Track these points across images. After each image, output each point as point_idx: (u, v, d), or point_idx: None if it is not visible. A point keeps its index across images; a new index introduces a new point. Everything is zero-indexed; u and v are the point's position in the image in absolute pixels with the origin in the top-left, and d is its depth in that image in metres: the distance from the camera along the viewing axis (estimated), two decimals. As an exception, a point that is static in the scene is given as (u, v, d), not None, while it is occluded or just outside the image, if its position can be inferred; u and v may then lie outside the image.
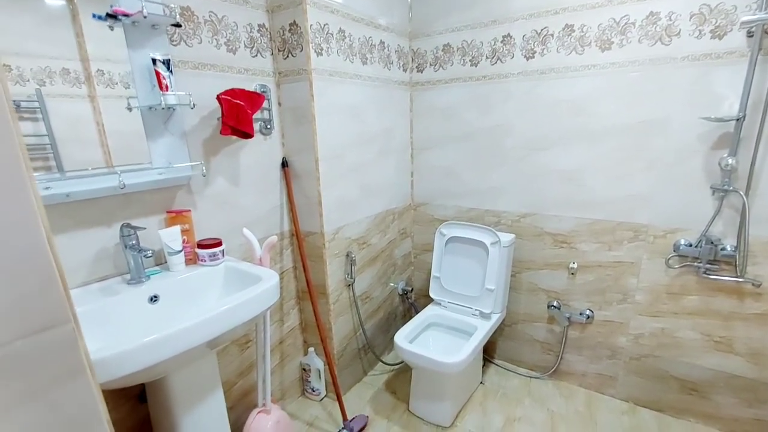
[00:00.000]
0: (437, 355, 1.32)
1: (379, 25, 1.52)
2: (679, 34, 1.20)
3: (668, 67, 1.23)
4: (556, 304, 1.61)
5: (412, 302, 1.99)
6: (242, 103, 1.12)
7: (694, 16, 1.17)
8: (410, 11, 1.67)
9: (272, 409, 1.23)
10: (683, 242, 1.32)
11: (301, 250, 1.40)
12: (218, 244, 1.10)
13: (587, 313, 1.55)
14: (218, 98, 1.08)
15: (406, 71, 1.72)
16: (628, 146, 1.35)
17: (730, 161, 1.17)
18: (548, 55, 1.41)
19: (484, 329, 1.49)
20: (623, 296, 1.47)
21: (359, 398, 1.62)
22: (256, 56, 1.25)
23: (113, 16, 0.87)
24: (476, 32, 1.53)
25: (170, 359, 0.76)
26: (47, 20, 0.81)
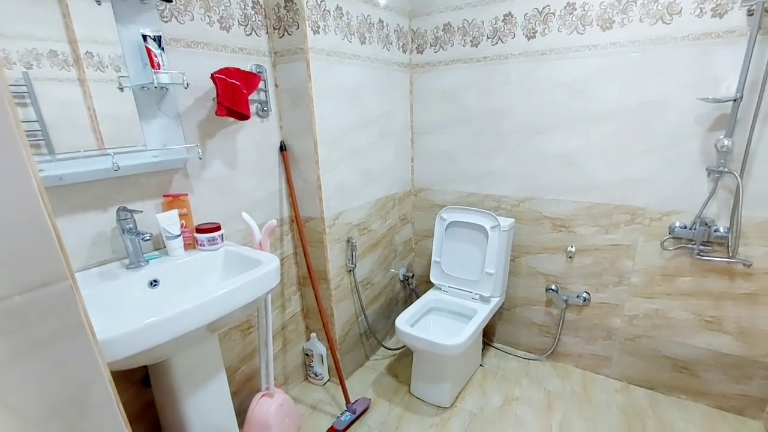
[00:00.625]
0: (438, 338, 1.33)
1: (377, 2, 1.47)
2: (680, 12, 1.19)
3: (668, 47, 1.22)
4: (554, 287, 1.63)
5: (413, 288, 1.99)
6: (238, 83, 1.08)
7: (696, -7, 1.16)
8: (409, -11, 1.63)
9: (276, 392, 1.23)
10: (678, 224, 1.34)
11: (301, 235, 1.39)
12: (217, 228, 1.08)
13: (584, 295, 1.58)
14: (213, 77, 1.05)
15: (405, 52, 1.68)
16: (627, 129, 1.35)
17: (726, 142, 1.18)
18: (549, 34, 1.39)
19: (483, 313, 1.50)
20: (619, 279, 1.50)
21: (361, 382, 1.64)
22: (250, 34, 1.21)
23: (101, -13, 0.83)
24: (477, 10, 1.50)
25: (171, 341, 0.76)
26: (31, -3, 0.76)
